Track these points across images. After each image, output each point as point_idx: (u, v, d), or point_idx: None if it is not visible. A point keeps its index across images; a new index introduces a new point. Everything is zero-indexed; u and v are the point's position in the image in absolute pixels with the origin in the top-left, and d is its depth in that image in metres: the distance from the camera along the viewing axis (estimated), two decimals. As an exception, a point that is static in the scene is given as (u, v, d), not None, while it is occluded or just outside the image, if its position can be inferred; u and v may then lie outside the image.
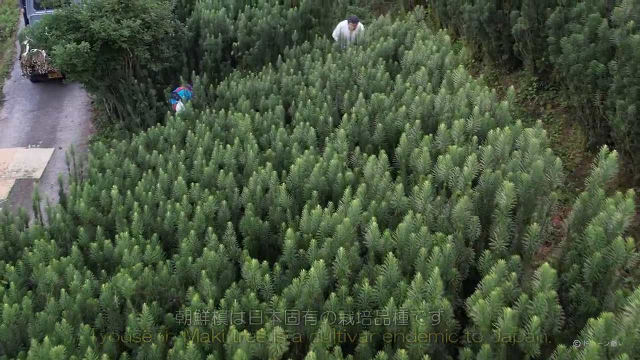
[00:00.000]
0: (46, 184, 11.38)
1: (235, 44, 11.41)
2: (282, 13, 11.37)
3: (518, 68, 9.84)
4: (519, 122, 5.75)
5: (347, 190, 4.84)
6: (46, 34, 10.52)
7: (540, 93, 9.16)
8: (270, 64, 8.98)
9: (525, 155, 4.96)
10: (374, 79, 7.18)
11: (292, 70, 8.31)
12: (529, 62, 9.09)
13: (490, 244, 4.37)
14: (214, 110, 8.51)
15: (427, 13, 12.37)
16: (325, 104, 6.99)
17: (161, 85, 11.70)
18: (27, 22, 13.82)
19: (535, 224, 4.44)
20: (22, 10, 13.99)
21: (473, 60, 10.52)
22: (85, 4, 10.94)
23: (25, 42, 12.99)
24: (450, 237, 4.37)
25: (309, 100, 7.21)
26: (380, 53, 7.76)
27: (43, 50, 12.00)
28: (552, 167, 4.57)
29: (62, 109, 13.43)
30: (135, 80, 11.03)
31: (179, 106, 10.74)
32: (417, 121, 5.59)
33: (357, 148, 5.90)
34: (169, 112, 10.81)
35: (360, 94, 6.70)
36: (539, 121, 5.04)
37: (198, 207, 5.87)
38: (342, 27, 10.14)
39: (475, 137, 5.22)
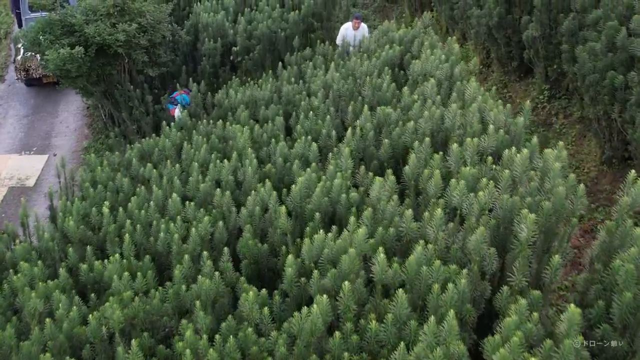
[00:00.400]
0: (39, 192, 11.04)
1: (234, 48, 11.05)
2: (283, 17, 11.00)
3: (528, 75, 9.47)
4: (534, 139, 5.39)
5: (353, 219, 4.46)
6: (40, 37, 10.17)
7: (552, 102, 8.80)
8: (270, 71, 8.61)
9: (544, 178, 4.60)
10: (380, 90, 6.81)
11: (293, 79, 7.94)
12: (540, 69, 8.72)
13: (509, 279, 4.01)
14: (211, 121, 8.16)
15: (432, 17, 12.00)
16: (327, 116, 6.62)
17: (158, 91, 11.35)
18: (21, 24, 13.47)
19: (557, 256, 4.08)
20: (16, 12, 13.62)
21: (481, 67, 10.15)
22: (79, 7, 10.60)
23: (19, 45, 12.64)
24: (465, 271, 4.01)
25: (311, 112, 6.85)
26: (385, 62, 7.40)
27: (37, 54, 11.67)
28: (575, 194, 4.21)
29: (57, 114, 13.08)
30: (131, 86, 10.67)
31: (177, 111, 10.39)
32: (427, 139, 5.22)
33: (362, 167, 5.53)
34: (164, 122, 10.48)
35: (365, 107, 6.33)
36: (561, 143, 4.67)
37: (193, 228, 5.52)
38: (347, 29, 9.78)
39: (490, 158, 4.86)
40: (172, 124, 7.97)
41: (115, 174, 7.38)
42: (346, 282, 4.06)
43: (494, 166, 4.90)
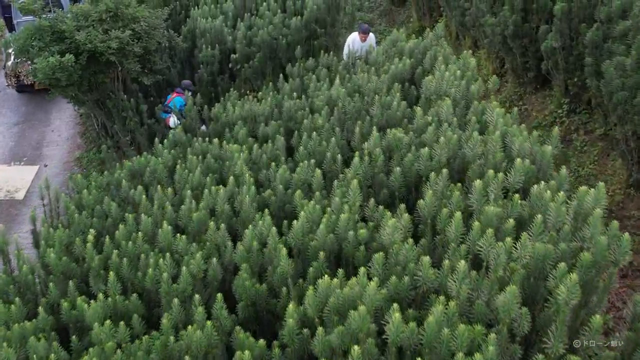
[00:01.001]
0: (29, 205, 10.49)
1: (233, 56, 10.49)
2: (284, 22, 10.44)
3: (545, 87, 8.90)
4: (563, 170, 4.84)
5: (363, 270, 3.92)
6: (32, 44, 9.62)
7: (571, 116, 8.24)
8: (270, 83, 8.05)
9: (578, 219, 4.05)
10: (389, 108, 6.26)
11: (295, 94, 7.39)
12: (559, 82, 8.15)
13: (544, 345, 3.47)
14: (207, 138, 7.62)
15: (439, 20, 11.43)
16: (333, 138, 6.07)
17: (153, 99, 10.80)
18: (11, 29, 12.94)
19: (597, 316, 3.53)
20: (4, 16, 13.07)
21: (494, 76, 9.55)
22: (70, 13, 10.06)
23: (10, 51, 12.09)
24: (492, 335, 3.47)
25: (314, 132, 6.30)
26: (395, 76, 6.84)
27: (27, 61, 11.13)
28: (619, 244, 3.66)
29: (49, 122, 12.55)
30: (125, 96, 10.12)
31: (172, 120, 9.87)
32: (444, 171, 4.67)
33: (372, 199, 4.98)
34: (157, 138, 9.94)
35: (374, 129, 5.78)
36: (602, 184, 4.11)
37: (184, 267, 4.98)
38: (353, 40, 9.23)
39: (517, 196, 4.31)
40: (165, 140, 7.41)
41: (103, 196, 6.86)
42: (355, 347, 3.52)
43: (520, 203, 4.35)
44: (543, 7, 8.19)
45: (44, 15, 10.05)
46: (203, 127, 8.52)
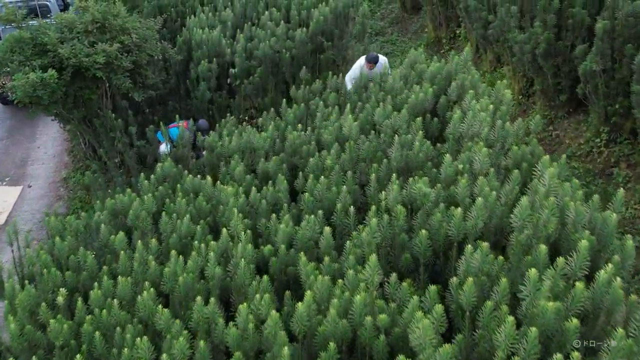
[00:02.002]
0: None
1: (232, 70, 9.59)
2: (288, 34, 9.52)
3: (579, 111, 7.97)
4: (630, 242, 3.93)
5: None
6: (11, 57, 8.73)
7: (611, 146, 7.31)
8: (272, 109, 7.14)
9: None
10: (410, 148, 5.35)
11: (300, 125, 6.47)
12: (597, 108, 7.22)
13: None
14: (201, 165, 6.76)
15: (459, 34, 10.50)
16: (344, 186, 5.17)
17: (145, 116, 9.91)
18: (-6, 37, 12.05)
19: None
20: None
21: (520, 97, 8.65)
22: (54, 23, 9.19)
23: (-9, 60, 11.19)
24: None
25: (322, 177, 5.40)
26: (415, 107, 5.93)
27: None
28: None
29: (34, 138, 11.67)
30: (113, 114, 9.22)
31: (162, 147, 8.98)
32: (485, 245, 3.77)
33: (394, 275, 4.08)
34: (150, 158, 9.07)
35: (394, 176, 4.87)
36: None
37: (164, 355, 4.10)
38: (362, 67, 8.27)
39: (579, 286, 3.40)
40: (152, 176, 6.53)
41: (79, 243, 6.00)
42: None
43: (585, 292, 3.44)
44: (580, 24, 7.26)
45: (25, 24, 9.19)
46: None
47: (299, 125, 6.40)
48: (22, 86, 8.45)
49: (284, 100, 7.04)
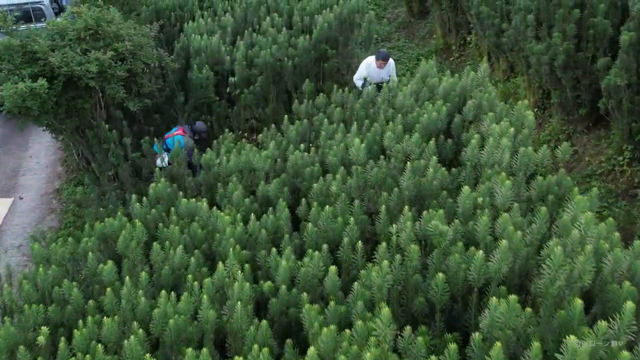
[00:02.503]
0: (1, 246, 9.24)
1: (232, 79, 9.14)
2: (290, 42, 9.06)
3: (599, 125, 7.51)
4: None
5: None
6: (0, 66, 8.32)
7: (635, 165, 6.84)
8: (273, 125, 6.68)
9: None
10: (423, 174, 4.90)
11: (302, 145, 6.02)
12: (621, 124, 6.76)
13: None
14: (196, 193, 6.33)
15: (469, 41, 10.04)
16: (351, 216, 4.72)
17: (140, 126, 9.47)
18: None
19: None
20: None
21: (535, 109, 8.18)
22: (45, 29, 8.75)
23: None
24: None
25: (327, 205, 4.95)
26: (427, 127, 5.48)
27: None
28: None
29: (27, 147, 11.23)
30: (107, 125, 8.78)
31: (159, 160, 8.57)
32: (513, 298, 3.33)
33: (408, 328, 3.64)
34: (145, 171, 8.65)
35: (406, 209, 4.43)
36: None
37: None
38: (369, 66, 7.87)
39: (626, 356, 2.95)
40: (145, 199, 6.09)
41: (64, 272, 5.58)
42: None
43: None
44: (602, 34, 6.80)
45: (15, 29, 8.76)
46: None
47: (302, 145, 5.93)
48: (11, 96, 8.02)
49: (286, 116, 6.57)
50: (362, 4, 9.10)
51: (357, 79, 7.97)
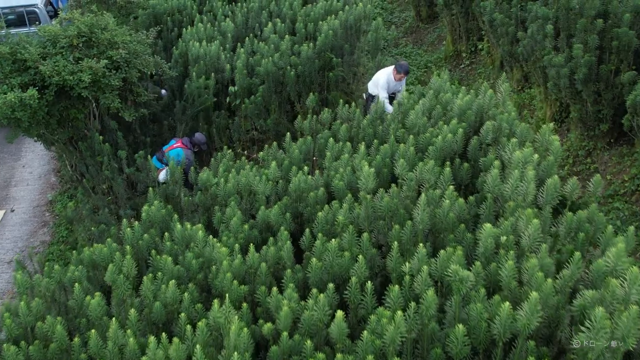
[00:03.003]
0: (-11, 262, 8.84)
1: (232, 88, 8.72)
2: (293, 49, 8.63)
3: (621, 141, 7.06)
4: None
5: None
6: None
7: (661, 187, 6.40)
8: (275, 143, 6.25)
9: None
10: (439, 205, 4.48)
11: (306, 167, 5.59)
12: (646, 143, 6.32)
13: None
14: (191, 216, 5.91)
15: (481, 48, 9.59)
16: (360, 256, 4.30)
17: (136, 137, 9.06)
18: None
19: None
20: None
21: (552, 122, 7.72)
22: (36, 35, 8.35)
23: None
24: None
25: (333, 236, 4.53)
26: (442, 149, 5.05)
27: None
28: None
29: (19, 156, 10.83)
30: (101, 137, 8.36)
31: (162, 174, 8.17)
32: (545, 352, 2.90)
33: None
34: (141, 186, 8.24)
35: (420, 247, 4.00)
36: None
37: None
38: (388, 76, 7.46)
39: None
40: (136, 224, 5.67)
41: (48, 307, 5.18)
42: None
43: None
44: (626, 46, 6.35)
45: (4, 35, 8.38)
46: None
47: (305, 167, 5.50)
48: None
49: (288, 133, 6.14)
50: (369, 10, 8.65)
51: (385, 96, 7.52)
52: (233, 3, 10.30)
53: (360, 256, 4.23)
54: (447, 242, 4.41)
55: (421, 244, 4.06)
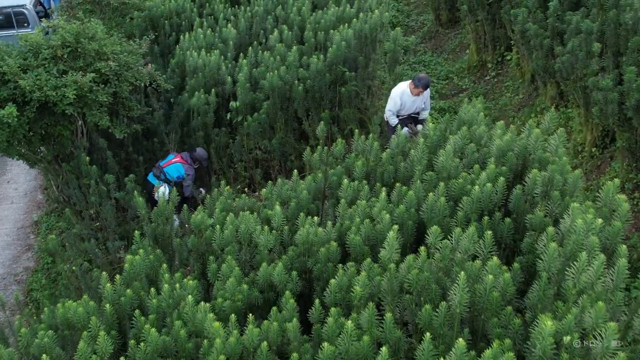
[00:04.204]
0: (-31, 290, 8.09)
1: (233, 103, 7.89)
2: (302, 61, 7.77)
3: (676, 175, 6.19)
4: None
5: None
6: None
7: None
8: (280, 180, 5.41)
9: None
10: (477, 280, 3.65)
11: (315, 217, 4.75)
12: None
13: None
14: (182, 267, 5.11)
15: (509, 59, 8.69)
16: (382, 338, 3.49)
17: (128, 154, 8.26)
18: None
19: None
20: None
21: (594, 149, 6.86)
22: (17, 48, 7.56)
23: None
24: None
25: (348, 310, 3.72)
26: (481, 200, 4.21)
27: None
28: None
29: (4, 170, 10.06)
30: (87, 158, 7.56)
31: (160, 191, 7.43)
32: None
33: None
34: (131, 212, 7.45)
35: (461, 342, 3.18)
36: None
37: None
38: (402, 94, 6.64)
39: None
40: (125, 271, 4.89)
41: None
42: None
43: None
44: (689, 70, 5.45)
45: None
46: (176, 223, 6.02)
47: (315, 217, 4.67)
48: (-27, 125, 6.88)
49: (295, 171, 5.30)
50: (386, 18, 7.76)
51: (391, 115, 6.74)
52: (236, 6, 9.43)
53: (384, 348, 3.40)
54: (488, 327, 3.59)
55: (460, 339, 3.23)
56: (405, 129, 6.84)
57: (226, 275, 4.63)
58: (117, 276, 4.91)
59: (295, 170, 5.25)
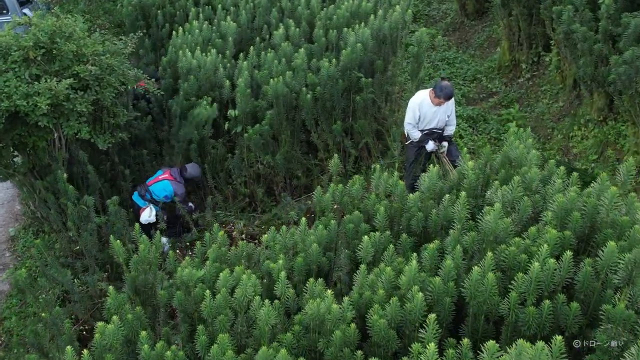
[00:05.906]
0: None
1: (232, 112, 6.90)
2: (311, 64, 6.75)
3: None
4: None
5: None
6: None
7: None
8: (284, 228, 4.46)
9: None
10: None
11: (328, 290, 3.82)
12: None
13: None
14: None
15: (548, 61, 7.62)
16: None
17: (114, 165, 7.33)
18: None
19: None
20: None
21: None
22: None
23: None
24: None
25: None
26: (537, 279, 3.27)
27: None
28: None
29: (-21, 177, 9.11)
30: (65, 175, 6.63)
31: (146, 213, 6.57)
32: None
33: None
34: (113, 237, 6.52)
35: None
36: None
37: None
38: (421, 105, 5.72)
39: None
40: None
41: None
42: None
43: None
44: None
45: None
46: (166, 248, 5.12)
47: (329, 292, 3.73)
48: None
49: (303, 219, 4.33)
50: (409, 17, 6.69)
51: (412, 128, 5.84)
52: (236, -5, 8.37)
53: None
54: None
55: None
56: (431, 143, 5.91)
57: (219, 327, 3.75)
58: (85, 351, 4.01)
59: (304, 219, 4.28)
